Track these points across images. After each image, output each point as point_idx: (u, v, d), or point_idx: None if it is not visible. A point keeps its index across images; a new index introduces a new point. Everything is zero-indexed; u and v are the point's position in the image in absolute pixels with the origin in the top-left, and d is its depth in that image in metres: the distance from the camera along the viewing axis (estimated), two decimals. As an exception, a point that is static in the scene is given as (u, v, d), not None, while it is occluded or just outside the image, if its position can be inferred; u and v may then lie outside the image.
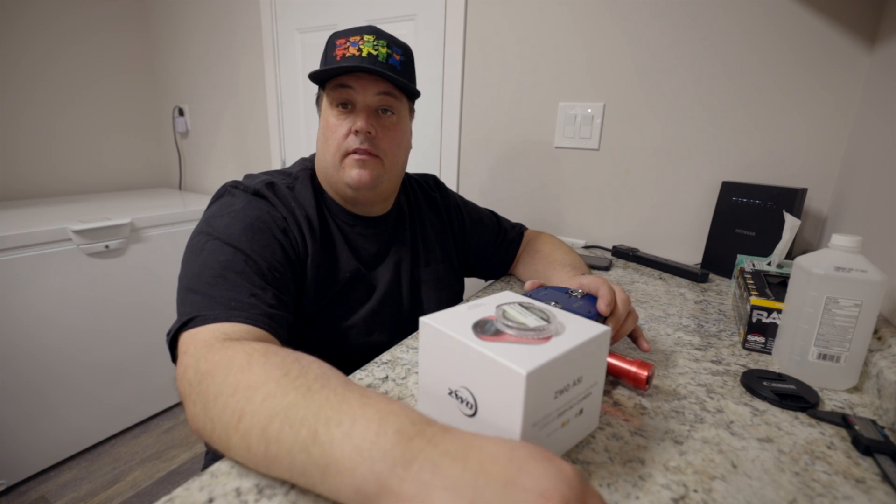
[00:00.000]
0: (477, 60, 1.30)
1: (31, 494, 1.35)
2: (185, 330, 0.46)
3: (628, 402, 0.47)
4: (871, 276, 0.48)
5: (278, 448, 0.31)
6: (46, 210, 1.58)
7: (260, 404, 0.34)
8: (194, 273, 0.52)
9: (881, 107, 0.77)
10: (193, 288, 0.51)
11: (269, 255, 0.57)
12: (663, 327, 0.68)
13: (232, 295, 0.50)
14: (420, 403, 0.43)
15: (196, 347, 0.43)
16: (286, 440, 0.31)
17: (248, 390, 0.35)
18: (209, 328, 0.46)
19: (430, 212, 0.84)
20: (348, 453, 0.28)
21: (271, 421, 0.32)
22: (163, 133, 2.22)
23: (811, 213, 0.98)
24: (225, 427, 0.35)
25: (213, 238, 0.55)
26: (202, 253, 0.54)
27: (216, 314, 0.47)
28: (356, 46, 0.63)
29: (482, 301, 0.44)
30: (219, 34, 1.85)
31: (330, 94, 0.66)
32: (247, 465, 0.35)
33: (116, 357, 1.55)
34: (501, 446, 0.27)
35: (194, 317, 0.47)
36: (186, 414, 0.40)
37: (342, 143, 0.65)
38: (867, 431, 0.42)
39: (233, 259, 0.53)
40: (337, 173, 0.67)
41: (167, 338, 0.48)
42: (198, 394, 0.38)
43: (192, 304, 0.49)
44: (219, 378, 0.38)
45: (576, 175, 1.22)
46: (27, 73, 1.77)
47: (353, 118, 0.65)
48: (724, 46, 0.98)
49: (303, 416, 0.31)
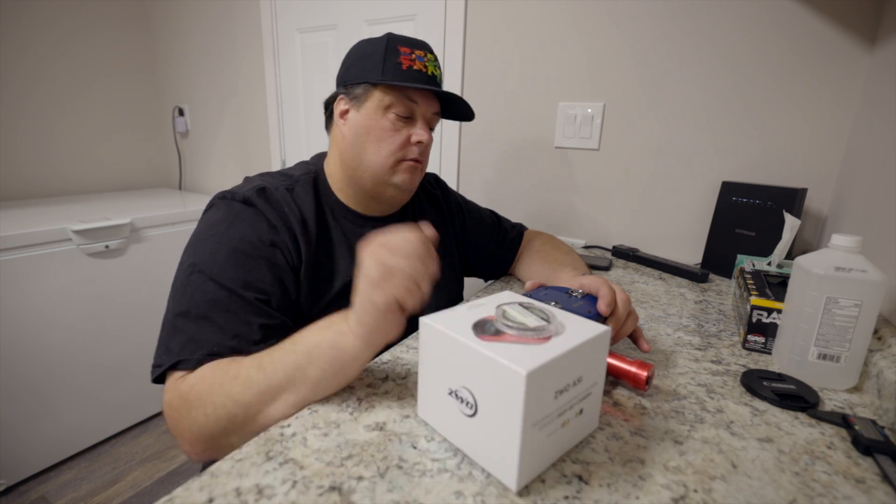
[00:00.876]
0: (477, 60, 1.30)
1: (31, 494, 1.35)
2: (172, 371, 0.52)
3: (628, 402, 0.47)
4: (871, 276, 0.48)
5: (298, 391, 0.45)
6: (46, 210, 1.58)
7: (248, 369, 0.47)
8: (181, 309, 0.55)
9: (881, 107, 0.77)
10: (179, 327, 0.54)
11: (255, 280, 0.57)
12: (663, 327, 0.68)
13: (215, 339, 0.53)
14: (420, 403, 0.43)
15: (174, 382, 0.51)
16: (278, 362, 0.45)
17: (234, 375, 0.47)
18: (182, 372, 0.52)
19: (431, 210, 0.85)
20: (329, 362, 0.44)
21: (261, 361, 0.47)
22: (163, 133, 2.22)
23: (811, 213, 0.98)
24: (226, 399, 0.46)
25: (197, 271, 0.57)
26: (188, 287, 0.56)
27: (199, 358, 0.51)
28: (422, 62, 0.67)
29: (482, 301, 0.44)
30: (219, 34, 1.85)
31: (390, 99, 0.67)
32: (285, 413, 0.45)
33: (116, 357, 1.55)
34: None
35: (181, 360, 0.52)
36: (184, 440, 0.49)
37: (400, 150, 0.68)
38: (867, 431, 0.42)
39: (216, 297, 0.55)
40: (385, 175, 0.69)
41: (153, 372, 0.54)
42: (190, 404, 0.48)
43: (179, 344, 0.53)
44: (206, 384, 0.48)
45: (576, 175, 1.22)
46: (27, 73, 1.77)
47: (410, 128, 0.69)
48: (724, 46, 0.98)
49: (293, 373, 0.45)
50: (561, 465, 0.37)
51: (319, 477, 0.35)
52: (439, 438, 0.40)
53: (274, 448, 0.38)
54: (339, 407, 0.44)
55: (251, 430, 0.45)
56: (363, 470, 0.36)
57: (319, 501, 0.33)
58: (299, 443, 0.39)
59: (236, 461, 0.37)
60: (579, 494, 0.34)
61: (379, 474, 0.36)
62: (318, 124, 1.70)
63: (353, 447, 0.39)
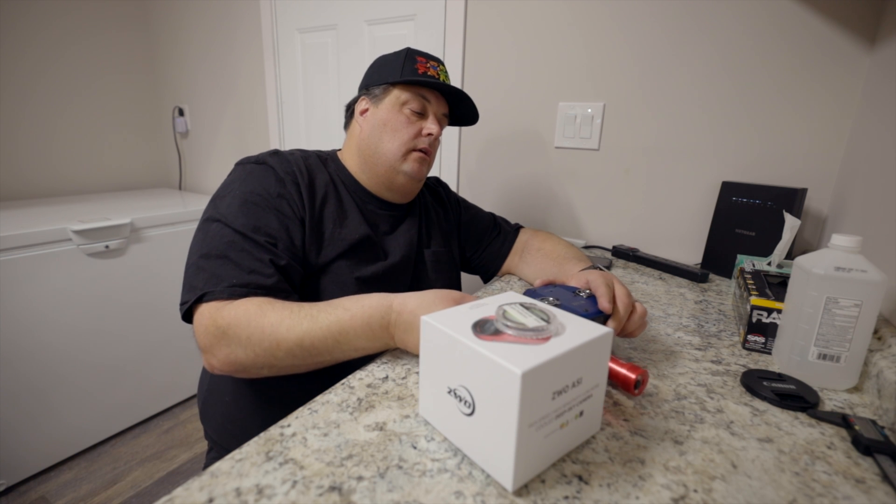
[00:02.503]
0: (477, 60, 1.30)
1: (31, 494, 1.35)
2: (199, 303, 0.58)
3: (628, 402, 0.47)
4: (871, 276, 0.48)
5: (316, 350, 0.54)
6: (46, 210, 1.58)
7: (287, 333, 0.53)
8: (202, 252, 0.62)
9: (881, 107, 0.77)
10: (201, 266, 0.61)
11: (263, 226, 0.65)
12: (663, 327, 0.68)
13: (233, 273, 0.60)
14: (420, 402, 0.43)
15: (209, 312, 0.57)
16: (320, 344, 0.54)
17: (272, 326, 0.54)
18: (216, 303, 0.58)
19: (435, 203, 0.92)
20: (358, 325, 0.54)
21: (302, 339, 0.53)
22: (163, 133, 2.22)
23: (811, 213, 0.98)
24: (267, 352, 0.54)
25: (214, 220, 0.64)
26: (207, 234, 0.64)
27: (220, 291, 0.58)
28: (435, 70, 0.77)
29: (483, 301, 0.44)
30: (219, 34, 1.85)
31: (407, 95, 0.76)
32: (294, 366, 0.56)
33: (116, 357, 1.54)
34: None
35: (205, 293, 0.58)
36: (214, 358, 0.57)
37: (412, 140, 0.76)
38: (867, 431, 0.42)
39: (232, 239, 0.62)
40: (397, 163, 0.76)
41: (182, 308, 0.60)
42: (229, 339, 0.55)
43: (203, 280, 0.59)
44: (243, 324, 0.54)
45: (576, 175, 1.22)
46: (27, 73, 1.77)
47: (423, 123, 0.77)
48: (724, 46, 0.98)
49: (319, 329, 0.53)
50: (561, 465, 0.37)
51: (319, 477, 0.35)
52: (439, 438, 0.40)
53: (274, 448, 0.38)
54: (339, 407, 0.44)
55: (280, 368, 0.55)
56: (363, 470, 0.36)
57: (319, 501, 0.33)
58: (299, 443, 0.39)
59: (236, 461, 0.37)
60: (579, 494, 0.34)
61: (379, 474, 0.36)
62: (318, 124, 1.70)
63: (353, 447, 0.39)
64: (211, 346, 0.57)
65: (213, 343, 0.56)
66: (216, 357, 0.57)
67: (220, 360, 0.57)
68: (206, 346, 0.57)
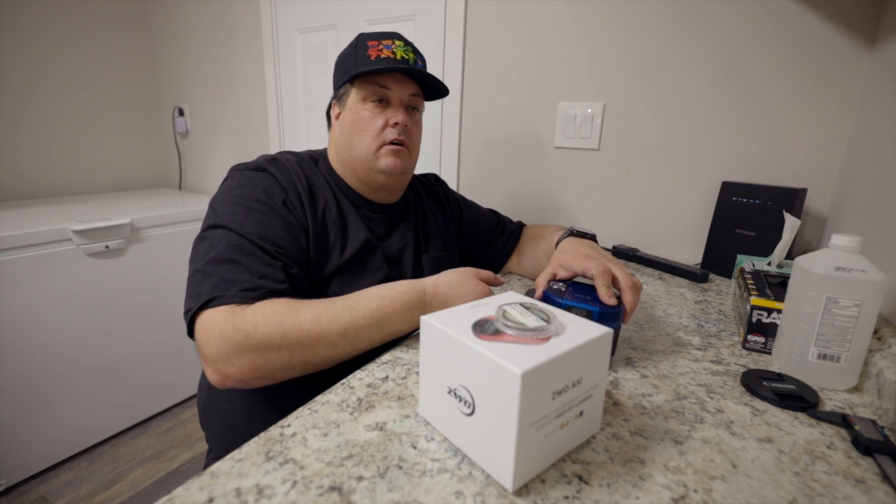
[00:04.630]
0: (477, 60, 1.30)
1: (31, 494, 1.35)
2: (206, 308, 0.54)
3: (628, 401, 0.47)
4: (871, 276, 0.48)
5: (359, 338, 0.55)
6: (46, 210, 1.58)
7: (328, 326, 0.53)
8: (208, 258, 0.58)
9: (881, 107, 0.77)
10: (208, 271, 0.56)
11: (273, 234, 0.62)
12: (663, 327, 0.68)
13: (244, 277, 0.56)
14: (420, 402, 0.43)
15: (223, 317, 0.52)
16: (363, 333, 0.55)
17: (311, 322, 0.53)
18: (229, 307, 0.54)
19: (432, 204, 0.90)
20: (399, 310, 0.57)
21: (346, 330, 0.54)
22: (163, 133, 2.22)
23: (811, 213, 0.98)
24: (306, 348, 0.53)
25: (219, 227, 0.61)
26: (213, 240, 0.60)
27: (231, 295, 0.54)
28: (390, 49, 0.70)
29: (484, 301, 0.44)
30: (219, 34, 1.85)
31: (364, 90, 0.72)
32: (331, 359, 0.55)
33: (116, 357, 1.54)
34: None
35: (214, 297, 0.54)
36: (231, 367, 0.51)
37: (379, 135, 0.72)
38: (867, 431, 0.42)
39: (239, 244, 0.59)
40: (371, 161, 0.72)
41: (186, 316, 0.55)
42: (256, 343, 0.51)
43: (210, 285, 0.55)
44: (275, 325, 0.52)
45: (576, 175, 1.22)
46: (27, 73, 1.77)
47: (389, 113, 0.72)
48: (724, 46, 0.98)
49: (362, 318, 0.55)
50: (561, 465, 0.37)
51: (319, 477, 0.35)
52: (439, 438, 0.40)
53: (274, 448, 0.38)
54: (339, 407, 0.44)
55: (315, 364, 0.55)
56: (363, 470, 0.36)
57: (319, 501, 0.33)
58: (299, 443, 0.39)
59: (236, 461, 0.37)
60: (579, 494, 0.34)
61: (379, 474, 0.36)
62: (318, 124, 1.70)
63: (353, 447, 0.39)
64: (228, 354, 0.51)
65: (231, 350, 0.51)
66: (234, 366, 0.51)
67: (240, 369, 0.51)
68: (220, 355, 0.51)
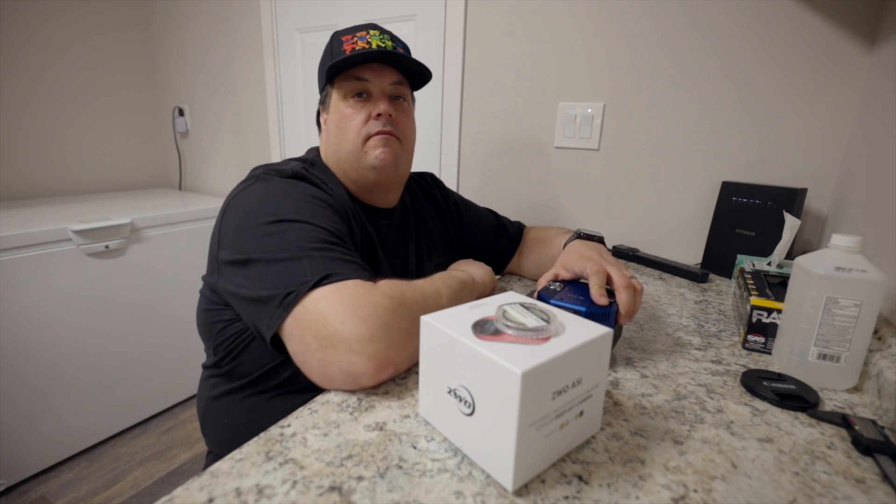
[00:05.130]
0: (477, 60, 1.30)
1: (31, 494, 1.35)
2: (321, 286, 0.46)
3: (628, 401, 0.47)
4: (871, 276, 0.48)
5: (459, 302, 0.57)
6: (46, 210, 1.58)
7: (437, 297, 0.55)
8: (288, 247, 0.50)
9: (881, 107, 0.77)
10: (299, 256, 0.49)
11: (341, 227, 0.58)
12: (663, 327, 0.68)
13: (345, 257, 0.51)
14: (420, 402, 0.43)
15: (358, 289, 0.46)
16: (452, 304, 0.55)
17: (426, 291, 0.53)
18: (355, 282, 0.47)
19: (430, 207, 0.87)
20: (468, 290, 0.64)
21: (450, 300, 0.57)
22: (163, 133, 2.22)
23: (811, 213, 0.98)
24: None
25: (286, 220, 0.53)
26: (285, 233, 0.51)
27: (349, 272, 0.48)
28: (364, 40, 0.66)
29: (484, 301, 0.44)
30: (219, 34, 1.85)
31: (343, 87, 0.69)
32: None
33: (116, 357, 1.54)
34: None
35: (331, 274, 0.47)
36: (398, 330, 0.46)
37: (362, 129, 0.68)
38: (867, 431, 0.42)
39: (321, 232, 0.53)
40: (359, 159, 0.69)
41: (294, 296, 0.46)
42: (408, 309, 0.48)
43: (313, 268, 0.47)
44: (408, 294, 0.50)
45: (576, 175, 1.22)
46: (27, 73, 1.77)
47: (371, 105, 0.68)
48: (724, 46, 0.98)
49: (453, 290, 0.59)
50: (561, 465, 0.37)
51: (319, 477, 0.35)
52: (439, 438, 0.40)
53: (274, 448, 0.38)
54: (339, 407, 0.44)
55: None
56: (363, 470, 0.36)
57: (319, 501, 0.33)
58: (299, 443, 0.39)
59: (236, 461, 0.37)
60: (579, 494, 0.34)
61: (379, 474, 0.36)
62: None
63: (353, 447, 0.39)
64: (384, 322, 0.44)
65: (387, 317, 0.44)
66: (392, 337, 0.45)
67: (399, 341, 0.46)
68: (375, 326, 0.44)
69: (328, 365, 0.45)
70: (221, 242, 0.57)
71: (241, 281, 0.52)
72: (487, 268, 0.75)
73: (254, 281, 0.50)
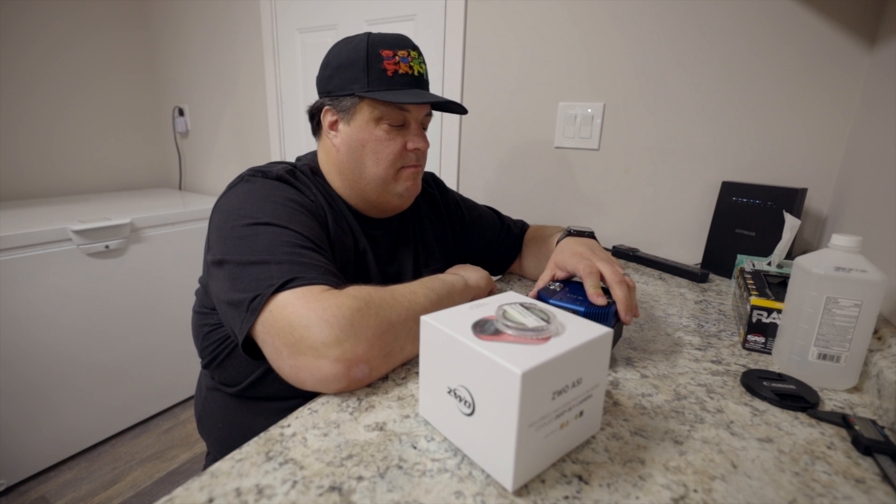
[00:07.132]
0: (477, 60, 1.30)
1: (31, 494, 1.35)
2: (284, 291, 0.47)
3: (628, 401, 0.47)
4: (871, 276, 0.48)
5: (442, 304, 0.56)
6: (46, 210, 1.58)
7: (410, 303, 0.52)
8: (258, 249, 0.51)
9: (881, 107, 0.77)
10: (266, 260, 0.49)
11: (317, 233, 0.58)
12: (663, 327, 0.68)
13: (315, 262, 0.51)
14: (420, 402, 0.43)
15: (322, 293, 0.46)
16: (433, 309, 0.52)
17: (398, 297, 0.51)
18: (321, 287, 0.47)
19: (429, 211, 0.85)
20: (456, 293, 0.61)
21: (426, 308, 0.53)
22: (163, 133, 2.22)
23: (811, 213, 0.98)
24: (414, 323, 0.51)
25: (261, 223, 0.54)
26: (258, 237, 0.52)
27: (315, 278, 0.48)
28: (406, 63, 0.65)
29: (484, 301, 0.44)
30: (219, 34, 1.85)
31: (382, 111, 0.65)
32: (410, 340, 0.51)
33: (116, 357, 1.55)
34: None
35: (295, 278, 0.47)
36: (367, 329, 0.46)
37: (398, 158, 0.68)
38: (867, 431, 0.42)
39: (294, 237, 0.53)
40: (387, 185, 0.69)
41: (259, 300, 0.47)
42: (377, 305, 0.48)
43: (280, 272, 0.48)
44: (375, 297, 0.49)
45: (576, 175, 1.22)
46: (27, 73, 1.77)
47: (405, 134, 0.68)
48: (724, 46, 0.98)
49: (437, 294, 0.57)
50: (561, 465, 0.37)
51: (319, 477, 0.35)
52: (439, 438, 0.40)
53: (274, 448, 0.38)
54: (339, 407, 0.44)
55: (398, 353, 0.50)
56: (363, 470, 0.36)
57: (319, 501, 0.33)
58: (299, 443, 0.39)
59: (236, 461, 0.37)
60: (579, 494, 0.34)
61: (379, 474, 0.36)
62: (318, 124, 1.69)
63: (353, 447, 0.39)
64: (350, 323, 0.44)
65: (354, 317, 0.44)
66: (361, 336, 0.44)
67: (368, 340, 0.45)
68: (342, 327, 0.43)
69: (299, 371, 0.45)
70: (208, 243, 0.59)
71: (218, 283, 0.53)
72: (483, 272, 0.73)
73: (227, 283, 0.51)
